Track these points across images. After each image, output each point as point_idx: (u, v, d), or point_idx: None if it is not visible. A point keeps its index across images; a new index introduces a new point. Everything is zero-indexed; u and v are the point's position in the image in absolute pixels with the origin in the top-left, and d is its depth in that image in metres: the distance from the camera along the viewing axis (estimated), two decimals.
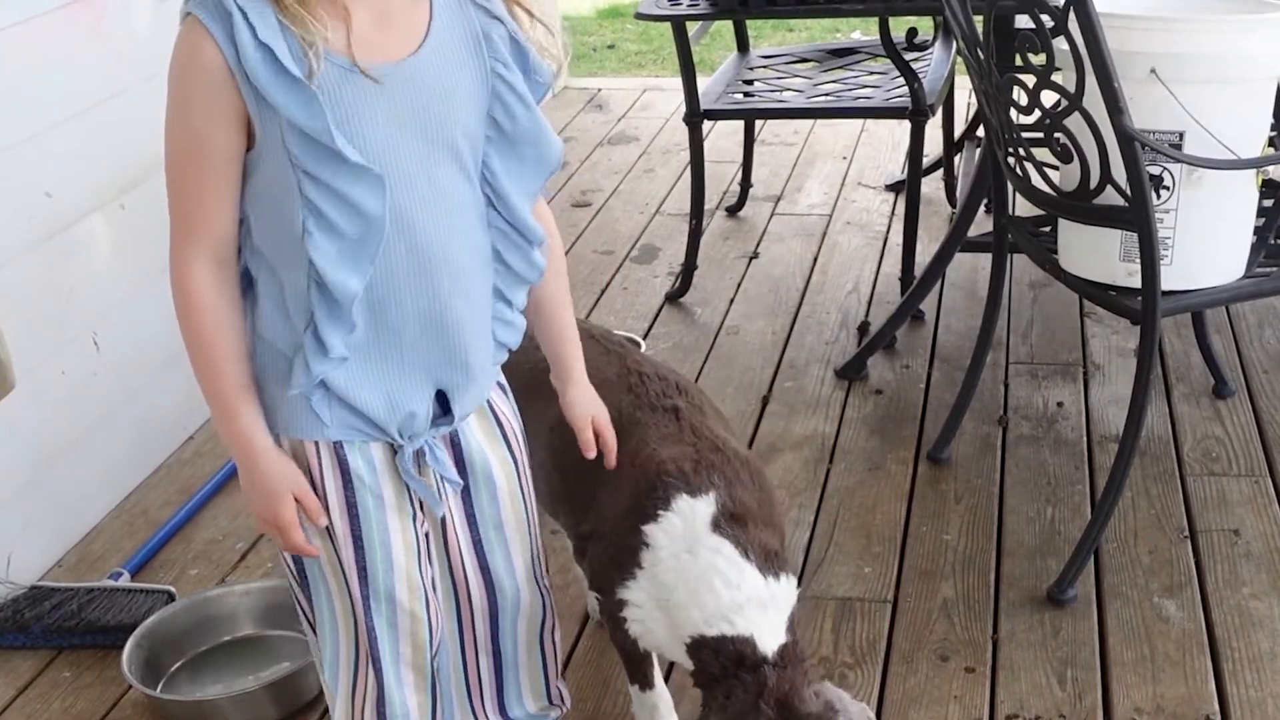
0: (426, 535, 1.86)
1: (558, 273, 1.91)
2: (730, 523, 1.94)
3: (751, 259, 4.28)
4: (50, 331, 2.91)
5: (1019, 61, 2.64)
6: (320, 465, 1.75)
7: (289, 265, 1.66)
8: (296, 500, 1.74)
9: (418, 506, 1.83)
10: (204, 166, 1.61)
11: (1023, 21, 2.66)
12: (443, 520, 1.87)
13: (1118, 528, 2.87)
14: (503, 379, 1.91)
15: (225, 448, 1.75)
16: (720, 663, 1.90)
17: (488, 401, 1.87)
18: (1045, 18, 2.49)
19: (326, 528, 1.78)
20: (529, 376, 2.08)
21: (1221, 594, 2.68)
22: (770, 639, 1.91)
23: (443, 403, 1.80)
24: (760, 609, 1.91)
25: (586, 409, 1.97)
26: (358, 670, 1.88)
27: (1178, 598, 2.67)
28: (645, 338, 3.77)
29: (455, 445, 1.85)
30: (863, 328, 3.79)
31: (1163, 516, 2.92)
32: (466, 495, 1.88)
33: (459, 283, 1.73)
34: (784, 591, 1.94)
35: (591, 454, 1.97)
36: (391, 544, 1.80)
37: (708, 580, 1.91)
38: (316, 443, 1.74)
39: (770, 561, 1.94)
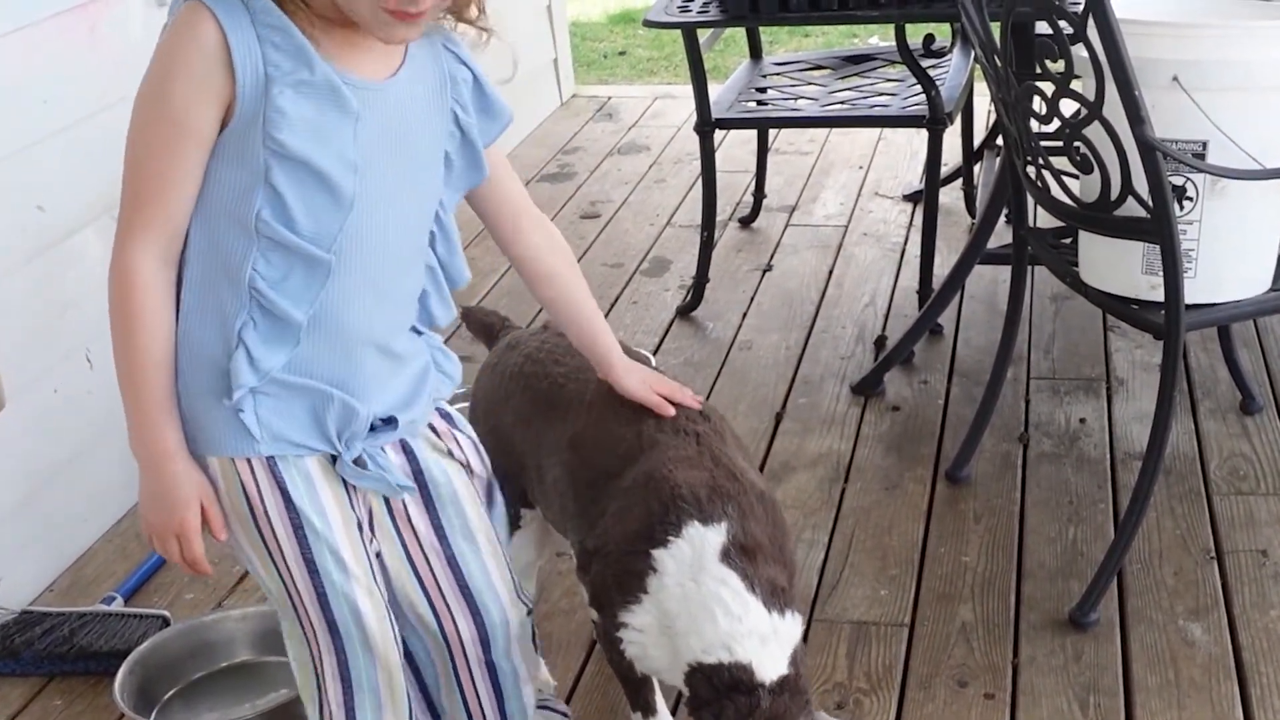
0: (379, 554, 1.85)
1: (571, 267, 1.99)
2: (739, 554, 1.90)
3: (765, 271, 4.22)
4: (42, 349, 2.86)
5: (1037, 69, 2.58)
6: (256, 483, 1.73)
7: (230, 257, 1.64)
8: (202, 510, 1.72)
9: (365, 517, 1.82)
10: (178, 148, 1.60)
11: (1042, 28, 2.61)
12: (409, 547, 1.87)
13: (1142, 548, 2.81)
14: (446, 407, 1.93)
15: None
16: (714, 687, 1.87)
17: (433, 427, 1.89)
18: (1064, 24, 2.43)
19: (270, 556, 1.76)
20: (547, 393, 2.12)
21: (1249, 616, 2.62)
22: (769, 669, 1.87)
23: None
24: (760, 642, 1.87)
25: (644, 384, 2.04)
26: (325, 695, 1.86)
27: (1204, 621, 2.62)
28: (656, 353, 3.71)
29: (411, 460, 1.85)
30: (879, 342, 3.72)
31: (1188, 537, 2.86)
32: (431, 508, 1.88)
33: (400, 310, 1.79)
34: (787, 627, 1.90)
35: (670, 411, 2.03)
36: (344, 556, 1.78)
37: (709, 609, 1.87)
38: (250, 460, 1.72)
39: (776, 596, 1.90)
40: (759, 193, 4.57)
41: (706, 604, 1.87)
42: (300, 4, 1.59)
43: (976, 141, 4.46)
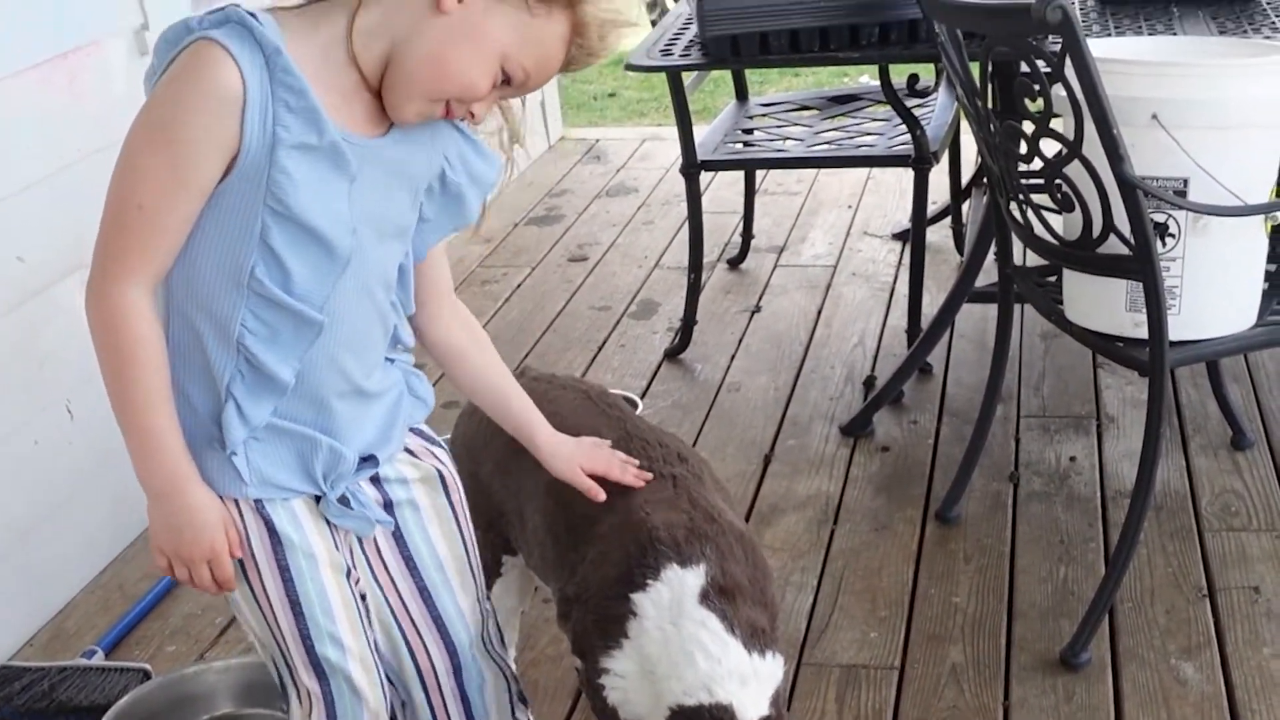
0: (363, 596, 1.83)
1: (491, 348, 1.96)
2: (719, 596, 1.89)
3: (753, 313, 4.20)
4: (22, 400, 2.84)
5: (1017, 109, 2.58)
6: (244, 524, 1.72)
7: (219, 312, 1.62)
8: None
9: (350, 560, 1.80)
10: (177, 195, 1.55)
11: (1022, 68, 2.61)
12: (380, 580, 1.86)
13: (1133, 587, 2.79)
14: (421, 425, 1.91)
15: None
16: None
17: (409, 449, 1.87)
18: (1042, 64, 2.43)
19: (255, 597, 1.75)
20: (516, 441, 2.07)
21: (1242, 655, 2.60)
22: (750, 710, 1.85)
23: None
24: (740, 683, 1.85)
25: (571, 459, 1.98)
26: None
27: (1196, 659, 2.60)
28: (643, 396, 3.69)
29: (381, 492, 1.84)
30: (868, 382, 3.71)
31: (1180, 574, 2.84)
32: (401, 541, 1.86)
33: (376, 354, 1.77)
34: (769, 669, 1.88)
35: (601, 496, 1.97)
36: (330, 600, 1.77)
37: (689, 652, 1.85)
38: (237, 501, 1.70)
39: (756, 637, 1.88)
40: (747, 234, 4.56)
41: (686, 647, 1.85)
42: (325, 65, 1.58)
43: (964, 180, 4.45)
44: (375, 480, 1.83)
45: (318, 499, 1.76)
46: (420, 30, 1.58)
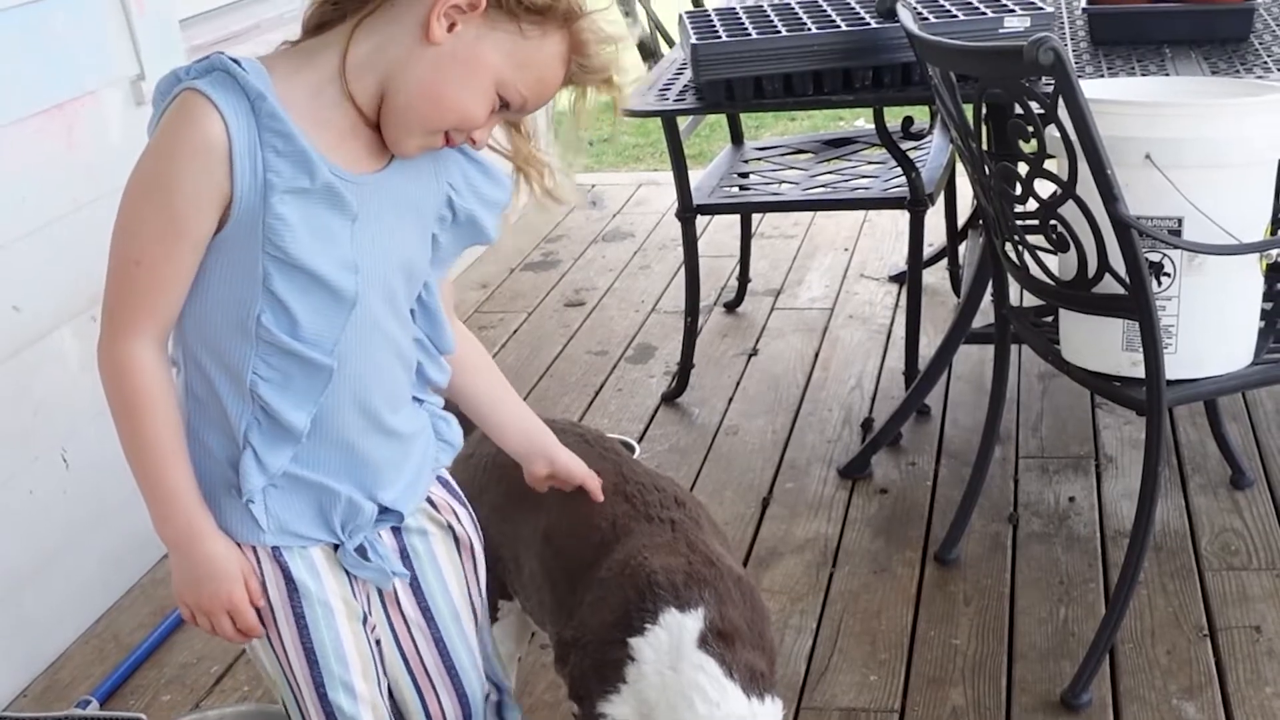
0: (378, 642, 1.82)
1: (491, 368, 1.95)
2: (717, 640, 1.88)
3: (751, 356, 4.20)
4: (17, 449, 2.83)
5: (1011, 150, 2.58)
6: (261, 571, 1.71)
7: (230, 360, 1.62)
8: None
9: (366, 606, 1.79)
10: (173, 248, 1.54)
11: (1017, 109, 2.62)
12: (396, 629, 1.85)
13: (1133, 627, 2.78)
14: (445, 474, 1.90)
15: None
16: None
17: (430, 500, 1.86)
18: (1035, 105, 2.43)
19: (270, 643, 1.74)
20: (521, 484, 2.06)
21: (1244, 694, 2.59)
22: None
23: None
24: None
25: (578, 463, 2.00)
26: None
27: (1197, 699, 2.58)
28: (641, 440, 3.68)
29: (399, 540, 1.83)
30: (866, 424, 3.70)
31: (1180, 614, 2.82)
32: (418, 590, 1.86)
33: (399, 395, 1.75)
34: (767, 712, 1.87)
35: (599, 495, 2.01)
36: (345, 649, 1.76)
37: (688, 697, 1.84)
38: (255, 548, 1.70)
39: (755, 682, 1.87)
40: (743, 277, 4.56)
41: (685, 691, 1.84)
42: (317, 101, 1.57)
43: (960, 221, 4.46)
44: (395, 529, 1.82)
45: (336, 546, 1.75)
46: (412, 62, 1.57)
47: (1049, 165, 2.49)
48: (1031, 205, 2.58)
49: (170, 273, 1.55)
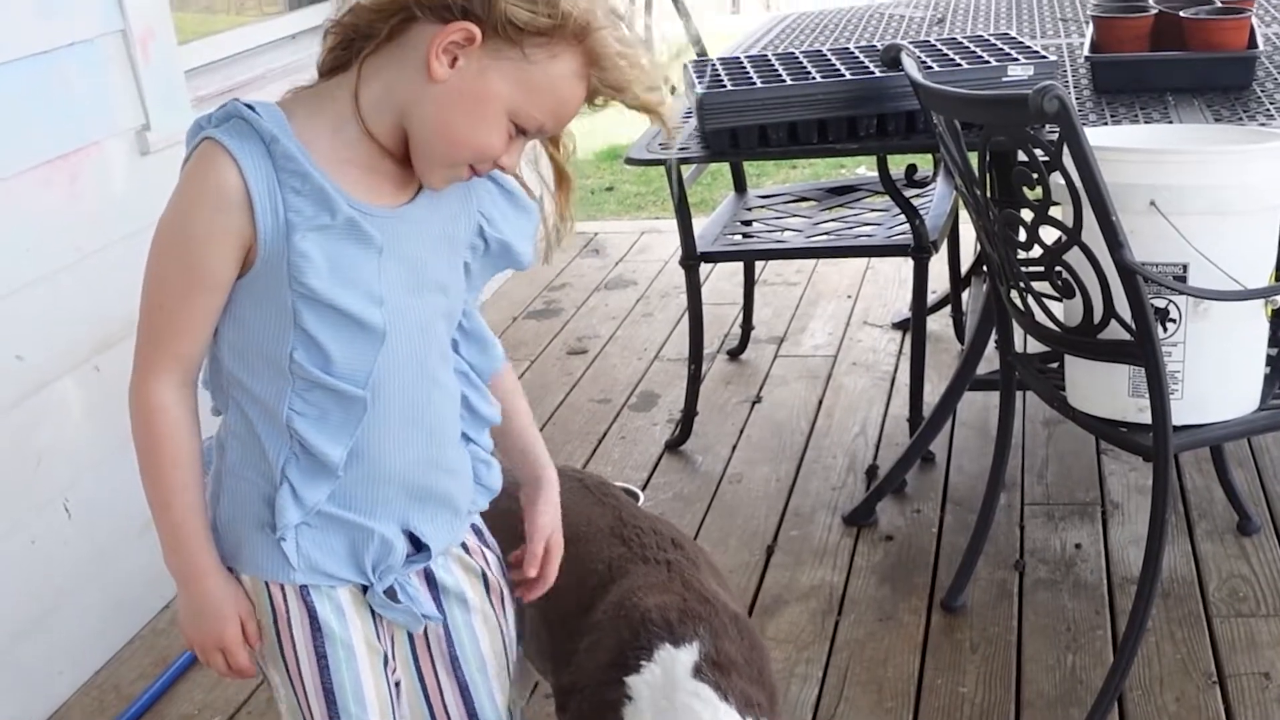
0: (398, 684, 1.81)
1: (513, 389, 1.91)
2: (712, 669, 1.86)
3: (754, 403, 4.19)
4: (19, 499, 2.82)
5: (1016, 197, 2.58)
6: (286, 608, 1.71)
7: (266, 397, 1.63)
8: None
9: (390, 649, 1.78)
10: (192, 295, 1.57)
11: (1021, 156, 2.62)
12: (424, 675, 1.84)
13: (1142, 674, 2.76)
14: (478, 520, 1.88)
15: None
16: None
17: (464, 544, 1.85)
18: (1040, 153, 2.43)
19: (289, 679, 1.74)
20: (519, 527, 2.02)
21: None
22: None
23: (415, 540, 1.77)
24: None
25: (552, 524, 1.90)
26: None
27: None
28: (644, 488, 3.67)
29: (431, 582, 1.81)
30: (871, 471, 3.69)
31: (1189, 661, 2.81)
32: (449, 637, 1.84)
33: (442, 431, 1.74)
34: None
35: (533, 570, 1.87)
36: (365, 692, 1.75)
37: None
38: (282, 585, 1.70)
39: (752, 709, 1.84)
40: (747, 324, 4.56)
41: (680, 718, 1.83)
42: (334, 136, 1.57)
43: (964, 268, 4.46)
44: (428, 573, 1.81)
45: (365, 588, 1.74)
46: (421, 100, 1.56)
47: (1054, 212, 2.50)
48: (1036, 252, 2.58)
49: (188, 318, 1.58)
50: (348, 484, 1.67)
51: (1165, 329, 2.48)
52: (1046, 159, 2.42)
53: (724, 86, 3.27)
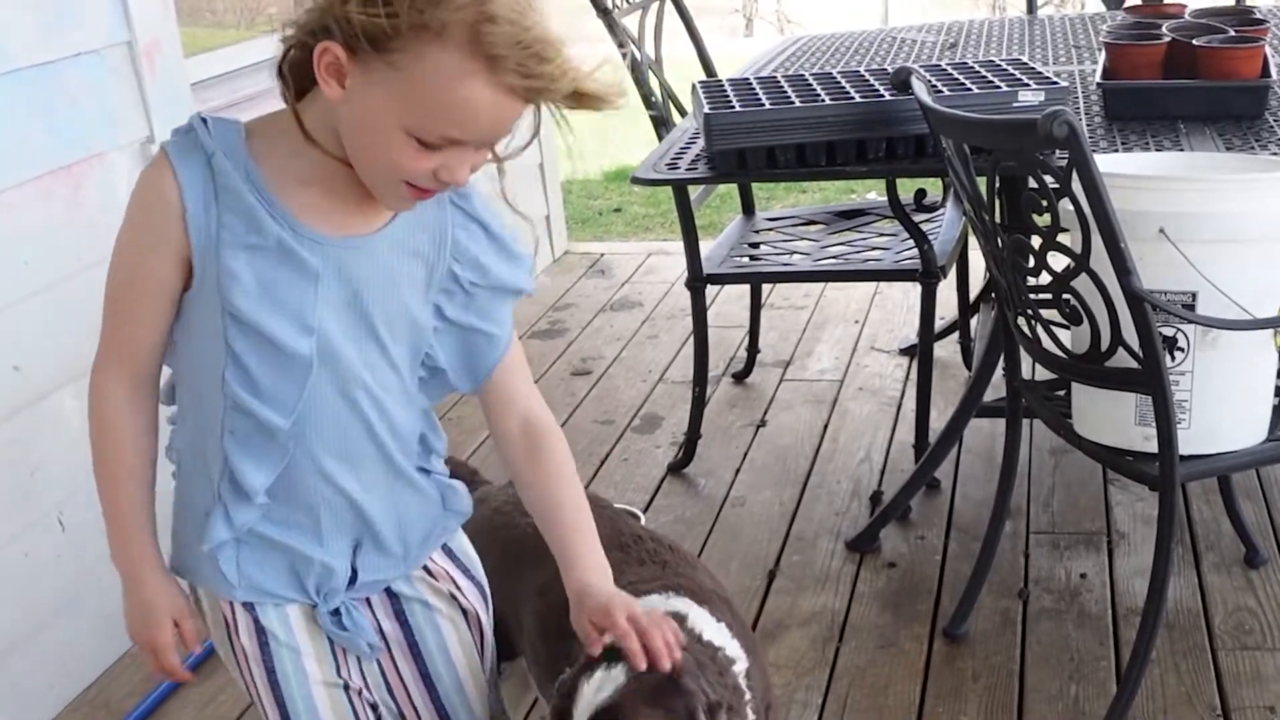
0: (374, 707, 1.81)
1: (562, 463, 1.85)
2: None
3: (759, 427, 4.16)
4: (13, 512, 2.81)
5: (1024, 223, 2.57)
6: (236, 623, 1.73)
7: (207, 414, 1.64)
8: (176, 625, 1.72)
9: (353, 674, 1.78)
10: (138, 292, 1.60)
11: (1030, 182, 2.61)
12: (396, 695, 1.84)
13: (1145, 706, 2.73)
14: (451, 544, 1.88)
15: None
16: None
17: (428, 569, 1.84)
18: (1049, 179, 2.41)
19: (246, 686, 1.76)
20: (517, 543, 2.10)
21: None
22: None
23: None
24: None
25: (581, 607, 1.74)
26: None
27: None
28: (646, 510, 3.65)
29: (394, 602, 1.82)
30: (875, 497, 3.66)
31: (1193, 694, 2.78)
32: (418, 656, 1.84)
33: (379, 467, 1.72)
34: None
35: (595, 650, 1.71)
36: (315, 700, 1.75)
37: None
38: (230, 600, 1.72)
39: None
40: (752, 348, 4.54)
41: None
42: (283, 150, 1.56)
43: (972, 294, 4.44)
44: (391, 595, 1.81)
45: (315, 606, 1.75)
46: (339, 123, 1.53)
47: (1062, 238, 2.48)
48: (1045, 278, 2.56)
49: (133, 317, 1.62)
50: (283, 509, 1.68)
51: (1173, 357, 2.47)
52: (1055, 185, 2.41)
53: (732, 107, 3.25)
